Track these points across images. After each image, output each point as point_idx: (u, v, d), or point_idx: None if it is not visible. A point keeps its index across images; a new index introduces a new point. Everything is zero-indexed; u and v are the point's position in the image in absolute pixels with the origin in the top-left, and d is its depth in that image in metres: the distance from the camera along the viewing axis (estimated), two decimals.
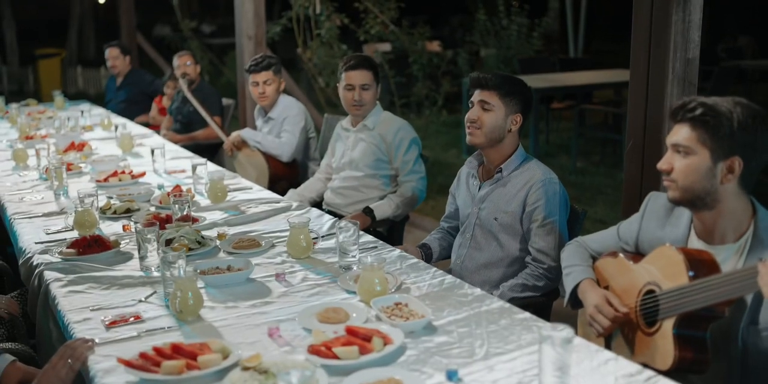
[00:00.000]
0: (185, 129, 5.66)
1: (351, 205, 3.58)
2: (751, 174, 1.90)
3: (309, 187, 3.87)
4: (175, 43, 11.46)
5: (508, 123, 2.63)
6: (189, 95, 5.25)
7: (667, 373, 1.74)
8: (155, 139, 4.97)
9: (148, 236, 2.38)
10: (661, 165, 1.95)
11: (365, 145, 3.55)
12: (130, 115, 6.22)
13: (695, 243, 2.00)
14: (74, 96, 11.05)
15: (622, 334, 2.08)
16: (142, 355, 1.76)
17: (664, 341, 1.88)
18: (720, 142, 1.85)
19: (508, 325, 1.99)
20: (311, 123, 4.45)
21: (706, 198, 1.90)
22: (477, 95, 2.65)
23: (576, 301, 2.24)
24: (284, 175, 4.36)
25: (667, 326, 1.87)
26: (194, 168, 3.43)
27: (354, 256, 2.41)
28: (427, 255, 2.81)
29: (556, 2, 14.41)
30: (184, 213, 2.77)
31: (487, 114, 2.61)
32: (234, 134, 4.51)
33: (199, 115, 5.60)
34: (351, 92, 3.51)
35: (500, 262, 2.67)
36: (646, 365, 1.78)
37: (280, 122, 4.33)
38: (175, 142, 5.06)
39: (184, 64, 5.58)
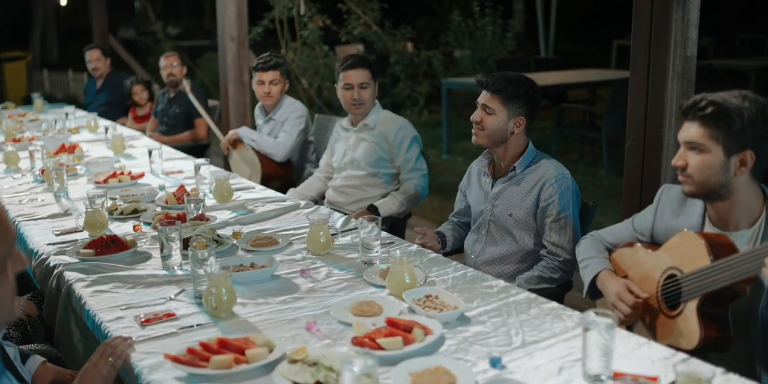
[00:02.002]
0: (171, 130, 5.62)
1: (353, 204, 3.62)
2: (762, 164, 1.98)
3: (309, 187, 3.89)
4: (147, 45, 11.34)
5: (511, 126, 2.67)
6: (193, 98, 5.19)
7: (691, 353, 1.81)
8: (145, 141, 4.94)
9: (172, 235, 2.39)
10: (676, 161, 2.03)
11: (367, 145, 3.58)
12: (112, 118, 6.16)
13: (710, 230, 2.07)
14: None
15: (643, 319, 2.15)
16: (190, 351, 1.77)
17: (689, 322, 1.95)
18: (732, 138, 1.92)
19: (538, 314, 2.04)
20: (311, 126, 4.46)
21: (721, 190, 1.98)
22: (481, 97, 2.69)
23: (595, 292, 2.30)
24: (277, 175, 4.37)
25: (691, 307, 1.95)
26: (198, 168, 3.42)
27: (377, 252, 2.45)
28: (442, 242, 2.86)
29: (520, 4, 14.61)
30: (200, 212, 2.78)
31: (489, 117, 2.66)
32: (231, 132, 4.51)
33: (184, 117, 5.59)
34: (350, 91, 3.54)
35: (514, 256, 2.73)
36: (671, 347, 1.85)
37: (281, 123, 4.33)
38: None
39: (170, 64, 5.54)
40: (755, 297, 1.95)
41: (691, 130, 1.99)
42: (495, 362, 1.75)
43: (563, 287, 2.67)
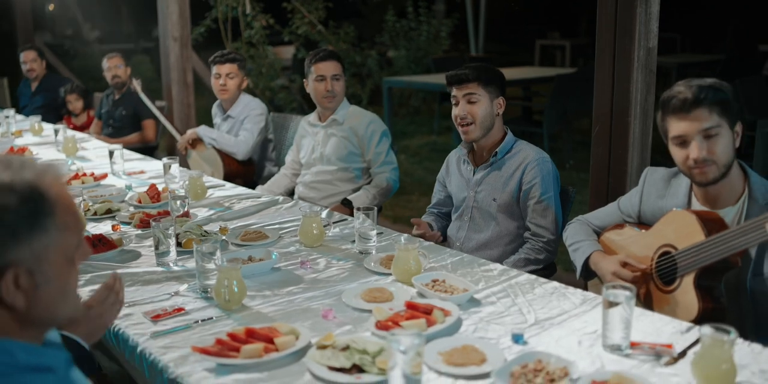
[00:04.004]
0: (117, 133, 5.47)
1: (325, 199, 3.62)
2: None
3: (276, 183, 3.87)
4: (74, 48, 10.98)
5: (495, 108, 2.78)
6: (145, 98, 5.05)
7: None
8: (96, 143, 4.80)
9: (168, 231, 2.35)
10: (700, 154, 2.02)
11: (337, 140, 3.60)
12: (50, 121, 5.94)
13: (698, 208, 2.19)
14: None
15: (638, 296, 2.24)
16: (218, 341, 1.76)
17: (686, 296, 2.05)
18: (731, 113, 2.04)
19: (542, 293, 2.12)
20: (271, 125, 4.44)
21: (731, 167, 2.07)
22: (458, 90, 2.75)
23: (588, 274, 2.39)
24: (239, 173, 4.32)
25: (688, 281, 2.05)
26: (168, 167, 3.37)
27: (374, 242, 2.48)
28: None
29: (441, 5, 14.87)
30: (185, 209, 2.74)
31: (476, 106, 2.74)
32: (189, 131, 4.42)
33: (131, 119, 5.46)
34: (323, 83, 3.54)
35: (499, 241, 2.80)
36: None
37: (240, 121, 4.29)
38: None
39: (114, 66, 5.40)
40: (742, 269, 2.07)
41: (701, 118, 2.01)
42: (518, 338, 1.81)
43: (548, 269, 2.76)
